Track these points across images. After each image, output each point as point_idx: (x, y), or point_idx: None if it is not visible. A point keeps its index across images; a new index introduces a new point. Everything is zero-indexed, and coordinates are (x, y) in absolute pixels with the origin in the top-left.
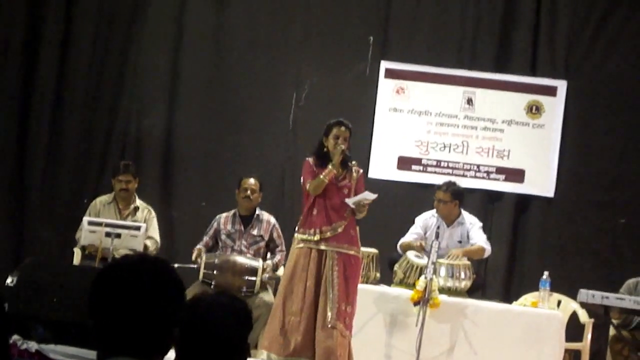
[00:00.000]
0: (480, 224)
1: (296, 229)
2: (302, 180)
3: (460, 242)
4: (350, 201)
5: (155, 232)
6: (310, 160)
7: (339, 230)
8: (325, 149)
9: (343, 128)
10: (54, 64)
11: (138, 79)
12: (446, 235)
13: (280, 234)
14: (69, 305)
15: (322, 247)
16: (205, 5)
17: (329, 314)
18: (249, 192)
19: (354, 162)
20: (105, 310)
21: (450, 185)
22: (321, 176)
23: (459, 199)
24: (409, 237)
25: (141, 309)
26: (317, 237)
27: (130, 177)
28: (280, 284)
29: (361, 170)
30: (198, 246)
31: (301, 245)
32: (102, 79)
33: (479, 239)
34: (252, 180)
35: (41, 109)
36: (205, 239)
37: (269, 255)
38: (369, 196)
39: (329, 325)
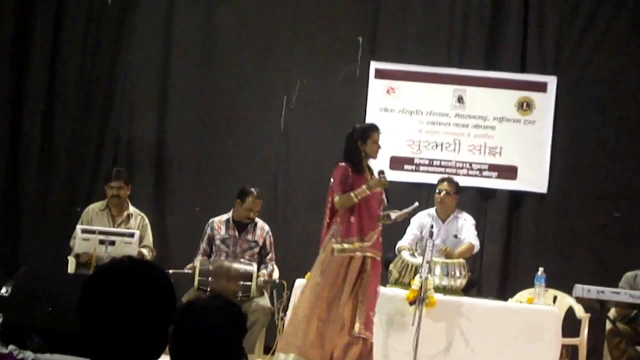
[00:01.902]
0: (474, 221)
1: (333, 239)
2: (331, 185)
3: (456, 236)
4: (393, 215)
5: (150, 241)
6: (344, 165)
7: (376, 237)
8: (363, 154)
9: (380, 132)
10: (44, 72)
11: (128, 85)
12: (442, 231)
13: (272, 242)
14: (64, 314)
15: (362, 254)
16: (193, 9)
17: (357, 324)
18: (252, 213)
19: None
20: (95, 315)
21: (452, 179)
22: (352, 194)
23: (459, 192)
24: (406, 239)
25: (131, 312)
26: (358, 245)
27: (122, 184)
28: (319, 289)
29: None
30: (196, 259)
31: (339, 254)
32: (92, 86)
33: (469, 235)
34: (258, 200)
35: (32, 117)
36: (203, 246)
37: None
38: (410, 208)
39: (357, 334)
